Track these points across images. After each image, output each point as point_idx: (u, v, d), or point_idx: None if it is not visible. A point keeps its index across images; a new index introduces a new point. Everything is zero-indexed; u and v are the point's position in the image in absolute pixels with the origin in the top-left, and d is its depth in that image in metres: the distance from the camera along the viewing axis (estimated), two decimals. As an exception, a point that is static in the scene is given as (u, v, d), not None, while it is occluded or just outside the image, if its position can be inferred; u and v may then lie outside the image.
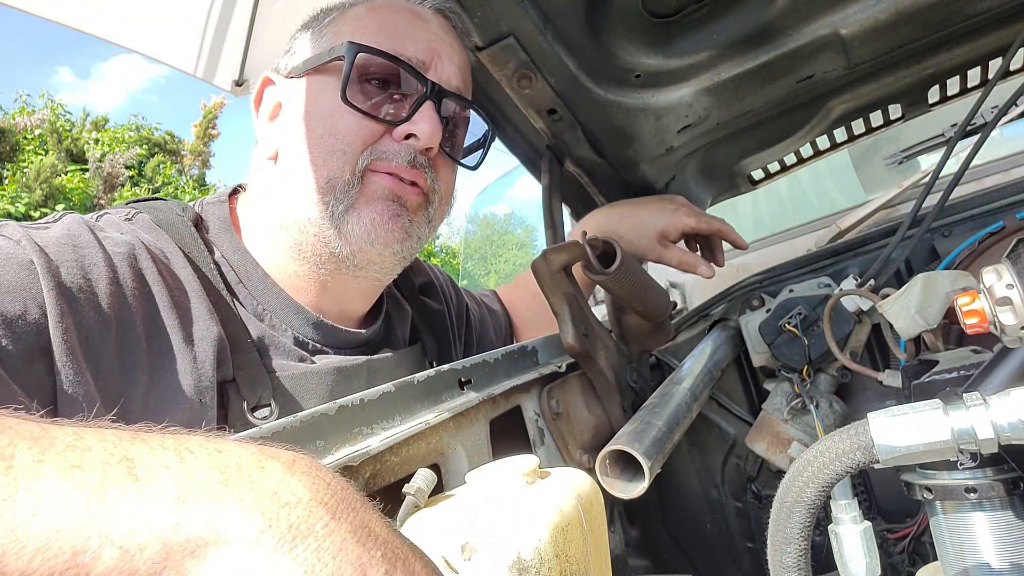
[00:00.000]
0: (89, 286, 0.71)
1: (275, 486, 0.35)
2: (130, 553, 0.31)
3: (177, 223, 0.88)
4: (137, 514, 0.32)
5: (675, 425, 0.89)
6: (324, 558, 0.33)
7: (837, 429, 0.60)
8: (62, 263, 0.70)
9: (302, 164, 0.89)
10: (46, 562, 0.30)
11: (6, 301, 0.64)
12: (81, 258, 0.73)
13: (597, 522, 0.66)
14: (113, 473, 0.33)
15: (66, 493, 0.31)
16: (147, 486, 0.33)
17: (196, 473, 0.34)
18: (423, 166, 0.91)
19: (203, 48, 2.04)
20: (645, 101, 1.23)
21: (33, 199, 10.51)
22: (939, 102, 1.37)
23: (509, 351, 0.93)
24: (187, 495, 0.33)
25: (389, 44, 0.90)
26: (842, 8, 1.10)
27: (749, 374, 1.27)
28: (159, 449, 0.35)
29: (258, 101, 1.00)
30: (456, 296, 1.32)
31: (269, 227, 0.94)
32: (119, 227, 0.83)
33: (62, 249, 0.72)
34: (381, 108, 0.90)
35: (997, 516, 0.64)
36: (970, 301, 0.69)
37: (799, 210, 2.45)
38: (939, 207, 1.05)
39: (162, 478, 0.34)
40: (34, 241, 0.70)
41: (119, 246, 0.77)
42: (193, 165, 15.59)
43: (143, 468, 0.34)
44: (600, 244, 0.96)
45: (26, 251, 0.68)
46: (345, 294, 0.97)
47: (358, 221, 0.87)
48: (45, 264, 0.68)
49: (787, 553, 0.61)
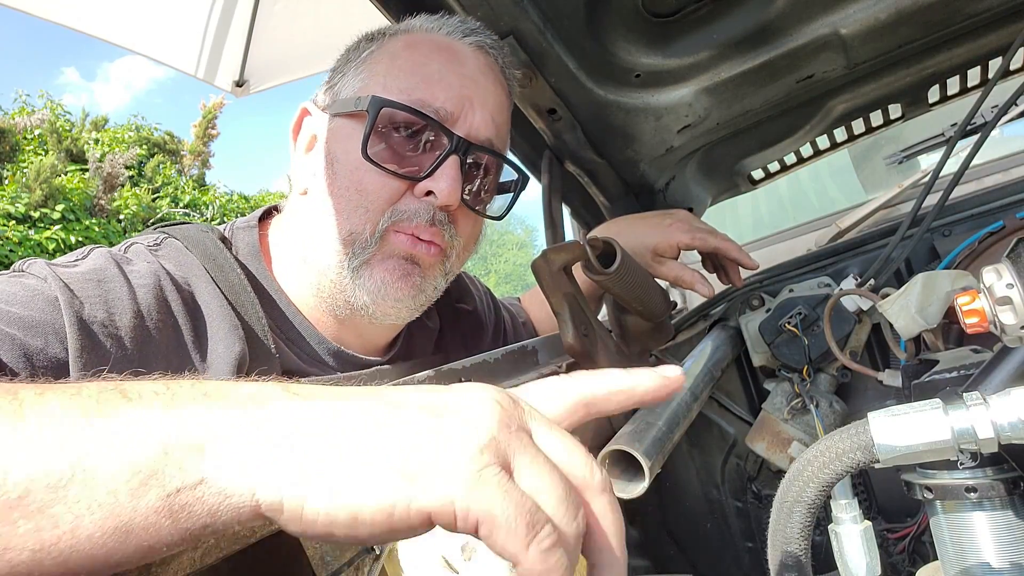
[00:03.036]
0: (112, 321, 0.73)
1: (251, 391, 0.38)
2: (130, 454, 0.33)
3: (207, 243, 0.88)
4: (134, 421, 0.35)
5: (675, 425, 0.89)
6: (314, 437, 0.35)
7: (837, 429, 0.60)
8: (86, 299, 0.72)
9: (327, 211, 0.89)
10: (52, 471, 0.32)
11: (29, 336, 0.66)
12: (105, 293, 0.75)
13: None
14: (108, 396, 0.36)
15: (66, 411, 0.34)
16: (139, 403, 0.36)
17: (181, 393, 0.37)
18: (442, 223, 0.90)
19: (204, 49, 2.04)
20: (645, 101, 1.23)
21: (33, 199, 10.51)
22: (939, 102, 1.37)
23: (509, 351, 0.93)
24: (177, 406, 0.36)
25: (419, 93, 0.87)
26: (842, 8, 1.10)
27: (749, 374, 1.27)
28: (147, 382, 0.38)
29: (296, 131, 0.98)
30: (495, 310, 1.32)
31: (295, 259, 0.94)
32: (145, 257, 0.84)
33: (86, 285, 0.74)
34: (405, 161, 0.88)
35: (997, 516, 0.64)
36: (970, 301, 0.69)
37: (799, 210, 2.45)
38: (939, 207, 1.05)
39: (152, 398, 0.36)
40: (59, 278, 0.73)
41: (144, 277, 0.79)
42: (193, 165, 15.59)
43: (134, 393, 0.36)
44: (600, 244, 0.96)
45: (51, 288, 0.71)
46: (363, 332, 0.98)
47: (370, 277, 0.88)
48: (69, 300, 0.70)
49: (787, 553, 0.61)
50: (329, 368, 0.94)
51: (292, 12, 1.96)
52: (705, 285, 1.18)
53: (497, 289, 33.07)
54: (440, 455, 0.34)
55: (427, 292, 0.93)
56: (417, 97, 0.87)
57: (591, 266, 0.96)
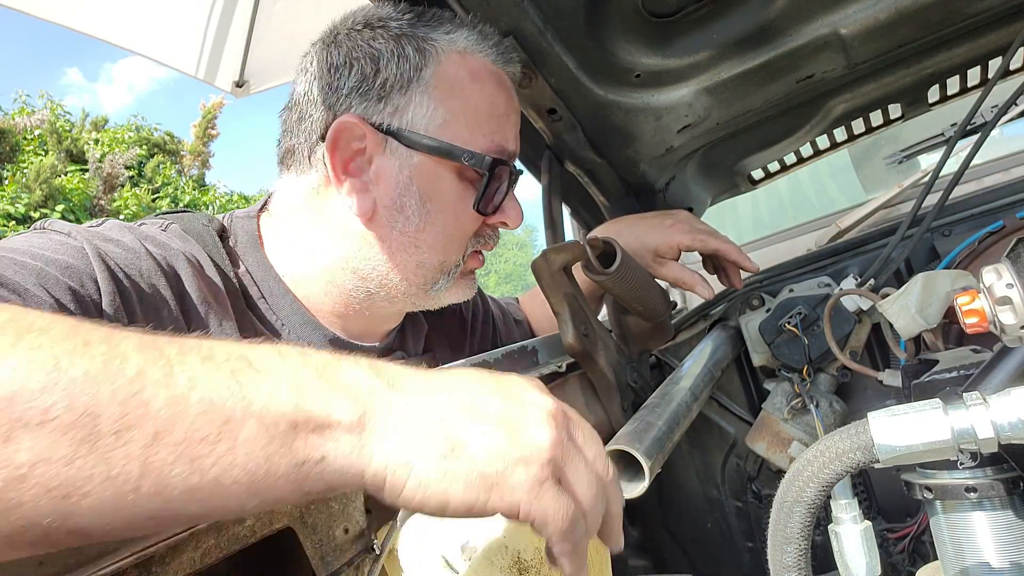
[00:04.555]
0: (130, 278, 0.77)
1: (372, 382, 0.44)
2: (265, 424, 0.39)
3: (204, 234, 0.90)
4: (266, 394, 0.40)
5: (675, 425, 0.89)
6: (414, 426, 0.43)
7: (837, 429, 0.60)
8: (110, 253, 0.77)
9: (412, 243, 0.92)
10: (204, 426, 0.37)
11: (65, 276, 0.70)
12: (125, 251, 0.79)
13: (597, 522, 0.66)
14: (238, 365, 0.41)
15: (208, 374, 0.39)
16: (267, 376, 0.41)
17: (297, 370, 0.43)
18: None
19: (204, 50, 2.04)
20: (645, 101, 1.23)
21: (33, 199, 10.51)
22: (939, 101, 1.37)
23: (509, 351, 0.93)
24: (299, 385, 0.41)
25: (498, 138, 0.92)
26: (842, 8, 1.10)
27: (749, 374, 1.27)
28: (263, 350, 0.43)
29: (334, 145, 0.90)
30: (483, 305, 1.32)
31: (319, 252, 0.95)
32: (156, 232, 0.87)
33: (107, 244, 0.78)
34: (488, 202, 0.95)
35: (997, 515, 0.64)
36: (970, 300, 0.69)
37: (799, 210, 2.45)
38: (939, 207, 1.05)
39: (276, 371, 0.42)
40: (82, 233, 0.77)
41: (159, 247, 0.83)
42: (193, 165, 15.58)
43: (259, 363, 0.42)
44: (600, 244, 0.96)
45: (78, 240, 0.75)
46: (370, 320, 1.01)
47: (448, 293, 0.99)
48: (96, 250, 0.75)
49: (787, 553, 0.61)
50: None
51: (292, 12, 1.96)
52: (705, 287, 1.18)
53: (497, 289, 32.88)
54: (513, 471, 0.44)
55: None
56: (499, 144, 0.93)
57: (591, 266, 0.96)
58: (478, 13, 0.99)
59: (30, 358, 0.35)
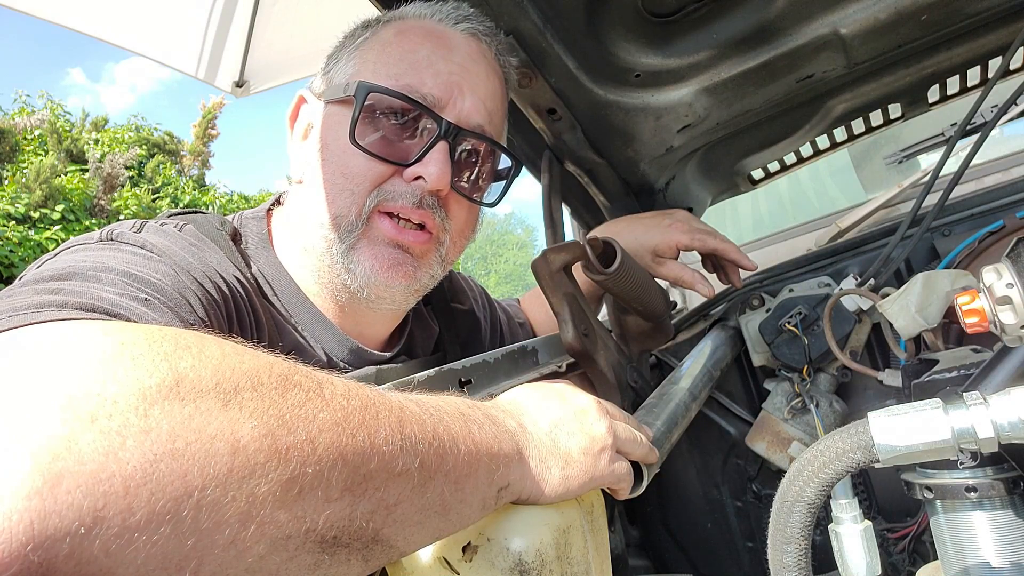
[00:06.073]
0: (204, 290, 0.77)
1: (514, 423, 0.63)
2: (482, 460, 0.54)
3: (216, 237, 0.89)
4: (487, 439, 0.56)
5: (674, 425, 0.89)
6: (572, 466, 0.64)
7: (837, 428, 0.60)
8: (188, 267, 0.78)
9: (316, 197, 0.90)
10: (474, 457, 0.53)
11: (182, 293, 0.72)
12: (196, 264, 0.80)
13: (598, 523, 0.66)
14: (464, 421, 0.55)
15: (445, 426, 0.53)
16: (478, 428, 0.56)
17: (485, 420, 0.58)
18: (431, 207, 0.90)
19: (204, 50, 2.04)
20: (645, 101, 1.23)
21: (33, 199, 10.50)
22: (939, 101, 1.37)
23: (509, 351, 0.93)
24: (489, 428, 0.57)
25: (407, 79, 0.88)
26: (842, 8, 1.10)
27: (749, 374, 1.27)
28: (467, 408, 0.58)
29: (292, 119, 0.99)
30: (491, 310, 1.32)
31: (296, 248, 0.95)
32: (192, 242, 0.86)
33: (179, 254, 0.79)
34: (393, 146, 0.89)
35: (997, 515, 0.64)
36: (970, 300, 0.69)
37: (799, 210, 2.45)
38: (939, 206, 1.05)
39: (481, 423, 0.57)
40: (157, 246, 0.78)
41: (211, 257, 0.84)
42: (193, 165, 15.58)
43: (472, 420, 0.56)
44: (600, 244, 0.96)
45: (160, 257, 0.76)
46: (363, 319, 0.99)
47: (359, 262, 0.89)
48: (179, 267, 0.76)
49: (787, 552, 0.61)
50: (337, 359, 0.95)
51: (292, 13, 1.96)
52: (705, 285, 1.18)
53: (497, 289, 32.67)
54: (598, 461, 0.66)
55: (423, 280, 0.94)
56: (405, 83, 0.88)
57: (591, 266, 0.96)
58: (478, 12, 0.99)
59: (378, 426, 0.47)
